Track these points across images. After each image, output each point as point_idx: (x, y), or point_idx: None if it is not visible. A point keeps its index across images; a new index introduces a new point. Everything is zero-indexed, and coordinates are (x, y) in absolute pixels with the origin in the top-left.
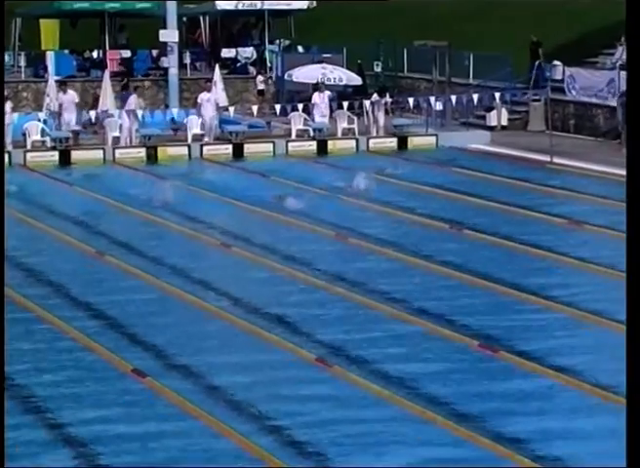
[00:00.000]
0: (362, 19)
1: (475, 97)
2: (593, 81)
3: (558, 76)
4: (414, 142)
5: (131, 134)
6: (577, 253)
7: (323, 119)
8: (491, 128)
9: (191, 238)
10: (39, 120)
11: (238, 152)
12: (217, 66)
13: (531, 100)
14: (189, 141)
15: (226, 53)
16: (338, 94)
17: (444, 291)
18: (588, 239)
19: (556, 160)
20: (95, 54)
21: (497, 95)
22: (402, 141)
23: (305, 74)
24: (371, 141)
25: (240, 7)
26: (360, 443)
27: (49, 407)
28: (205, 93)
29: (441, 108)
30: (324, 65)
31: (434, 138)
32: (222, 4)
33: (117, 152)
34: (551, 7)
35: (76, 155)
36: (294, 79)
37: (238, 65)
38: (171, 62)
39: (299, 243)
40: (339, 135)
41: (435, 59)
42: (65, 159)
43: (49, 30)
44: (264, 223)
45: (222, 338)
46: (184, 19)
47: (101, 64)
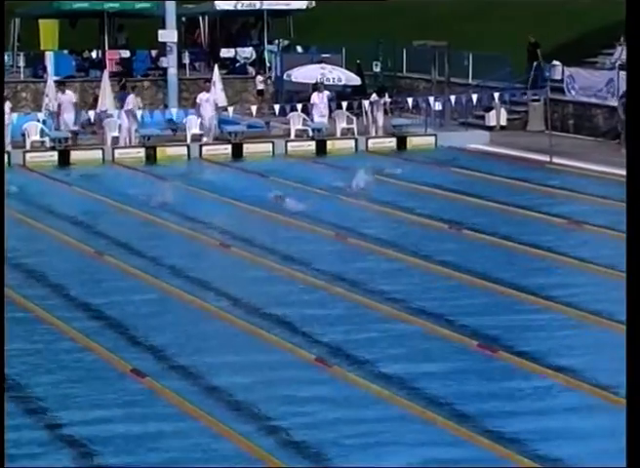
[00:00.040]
0: (361, 20)
1: (474, 98)
2: (592, 81)
3: (557, 76)
4: (413, 142)
5: (130, 134)
6: (576, 253)
7: (322, 119)
8: (490, 128)
9: (190, 238)
10: (38, 120)
11: (237, 152)
12: (216, 66)
13: (530, 100)
14: (188, 142)
15: (225, 53)
16: (337, 94)
17: (443, 291)
18: (588, 239)
19: (555, 160)
20: (94, 54)
21: (496, 95)
22: (401, 141)
23: (304, 74)
24: (370, 141)
25: (239, 7)
26: (360, 443)
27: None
28: (204, 93)
29: (440, 108)
30: (323, 65)
31: (433, 138)
32: (221, 4)
33: (116, 152)
34: (551, 7)
35: (75, 155)
36: (293, 79)
37: (237, 65)
38: (170, 62)
39: (298, 243)
40: (338, 135)
41: (434, 60)
42: (65, 159)
43: (48, 30)
44: (264, 223)
45: (222, 338)
46: (183, 20)
47: (101, 64)
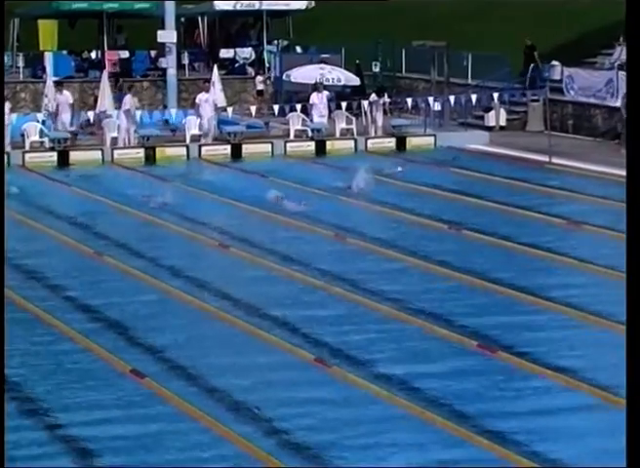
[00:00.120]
0: (360, 20)
1: (474, 98)
2: (592, 81)
3: (557, 76)
4: (412, 143)
5: (128, 134)
6: (575, 254)
7: (321, 119)
8: (489, 128)
9: (190, 238)
10: (38, 121)
11: (236, 153)
12: (215, 67)
13: (529, 101)
14: (188, 142)
15: (225, 53)
16: (336, 94)
17: (442, 291)
18: (587, 239)
19: (555, 160)
20: (93, 54)
21: (495, 95)
22: (400, 142)
23: (304, 74)
24: (369, 142)
25: (238, 7)
26: (359, 444)
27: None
28: (203, 93)
29: (439, 108)
30: (322, 66)
31: (432, 139)
32: (221, 4)
33: (115, 153)
34: (550, 7)
35: (75, 156)
36: (292, 79)
37: (236, 66)
38: (169, 63)
39: (297, 243)
40: (337, 135)
41: (434, 60)
42: (64, 160)
43: (47, 31)
44: (263, 224)
45: (221, 339)
46: (183, 20)
47: (100, 65)
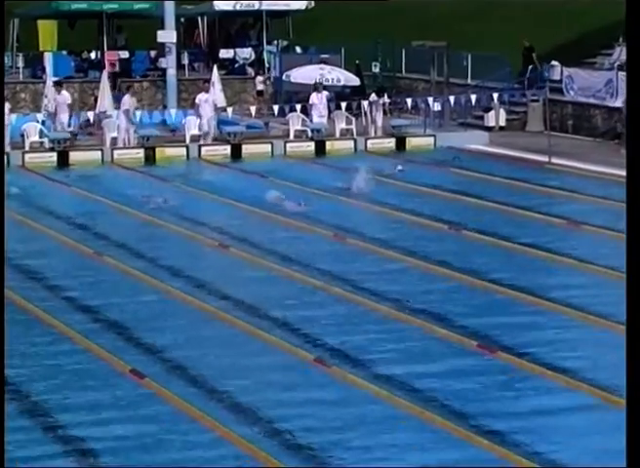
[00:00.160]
0: (360, 20)
1: (473, 98)
2: (591, 81)
3: (556, 77)
4: (412, 143)
5: (128, 134)
6: (575, 254)
7: (321, 119)
8: (489, 128)
9: (189, 239)
10: (37, 121)
11: (236, 153)
12: (215, 67)
13: (529, 101)
14: (187, 142)
15: (224, 53)
16: (336, 94)
17: (442, 291)
18: (587, 239)
19: (554, 160)
20: (93, 55)
21: (495, 95)
22: (400, 142)
23: (303, 75)
24: (369, 142)
25: (238, 7)
26: (359, 445)
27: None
28: (203, 93)
29: (439, 109)
30: (322, 66)
31: (432, 139)
32: (220, 4)
33: (115, 153)
34: (550, 7)
35: (74, 156)
36: (292, 80)
37: (236, 66)
38: (169, 63)
39: (296, 243)
40: (337, 135)
41: (433, 60)
42: (64, 160)
43: (47, 31)
44: (262, 224)
45: (220, 339)
46: (182, 20)
47: (99, 65)
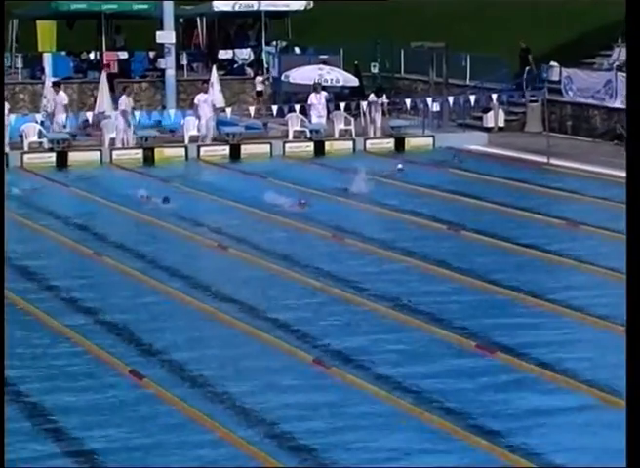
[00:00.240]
0: (359, 20)
1: (472, 99)
2: (590, 82)
3: (555, 77)
4: (411, 143)
5: (125, 135)
6: (574, 254)
7: (320, 120)
8: (488, 129)
9: (188, 239)
10: (36, 122)
11: (235, 153)
12: (214, 68)
13: (528, 102)
14: (186, 143)
15: (223, 54)
16: (335, 95)
17: (441, 291)
18: (586, 240)
19: (553, 161)
20: (92, 55)
21: (494, 96)
22: (399, 142)
23: (302, 75)
24: (368, 142)
25: (237, 8)
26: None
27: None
28: (202, 94)
29: (438, 109)
30: (321, 66)
31: (431, 139)
32: (219, 5)
33: (114, 154)
34: (549, 8)
35: (73, 157)
36: (290, 80)
37: (235, 67)
38: (168, 64)
39: (296, 244)
40: (336, 136)
41: (432, 60)
42: (63, 161)
43: (46, 32)
44: (261, 225)
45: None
46: (181, 21)
47: (98, 66)
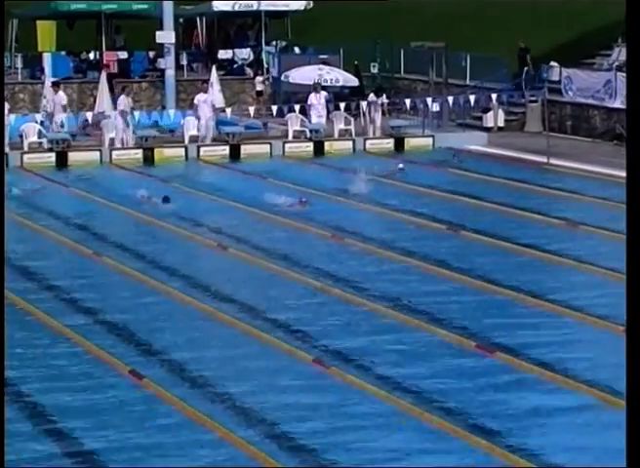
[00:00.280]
0: (359, 20)
1: (472, 99)
2: (590, 82)
3: (555, 77)
4: (410, 143)
5: (124, 134)
6: (574, 254)
7: (320, 120)
8: (487, 129)
9: (188, 239)
10: (36, 122)
11: (235, 153)
12: (213, 68)
13: (528, 102)
14: (186, 143)
15: (223, 54)
16: (334, 95)
17: (441, 291)
18: (585, 240)
19: (553, 161)
20: (91, 55)
21: (493, 96)
22: (399, 142)
23: (302, 75)
24: (367, 142)
25: (237, 8)
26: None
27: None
28: (202, 94)
29: (438, 109)
30: (320, 66)
31: (431, 140)
32: (219, 5)
33: (114, 154)
34: (548, 8)
35: (73, 157)
36: (290, 80)
37: (235, 67)
38: (167, 64)
39: (295, 244)
40: (335, 136)
41: (432, 61)
42: (62, 161)
43: (45, 32)
44: (261, 225)
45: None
46: (181, 21)
47: (98, 66)
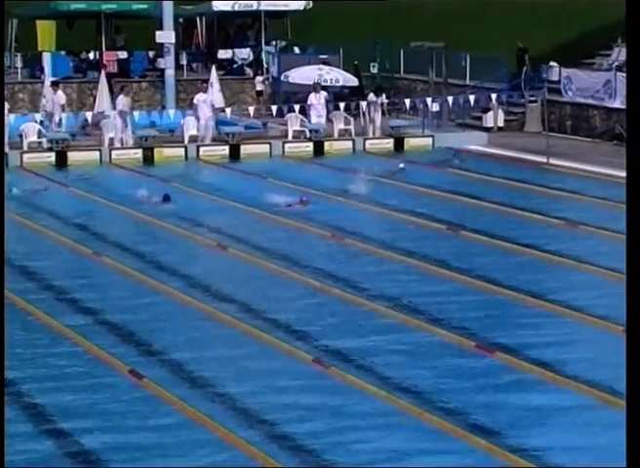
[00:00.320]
0: (359, 20)
1: (472, 99)
2: (590, 82)
3: (555, 77)
4: (410, 143)
5: (123, 134)
6: (573, 254)
7: (319, 120)
8: (487, 129)
9: (188, 239)
10: (36, 121)
11: (235, 153)
12: (213, 67)
13: (527, 102)
14: (186, 143)
15: (223, 54)
16: (334, 95)
17: (441, 291)
18: (585, 240)
19: (552, 161)
20: (91, 55)
21: (493, 96)
22: (398, 142)
23: (302, 75)
24: (367, 142)
25: (236, 8)
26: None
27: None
28: (201, 94)
29: (437, 109)
30: (320, 66)
31: (430, 139)
32: (219, 5)
33: (114, 153)
34: (548, 8)
35: (73, 156)
36: (290, 80)
37: (235, 66)
38: (167, 64)
39: (295, 244)
40: (335, 136)
41: (432, 60)
42: (62, 160)
43: (45, 31)
44: (261, 224)
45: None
46: (181, 21)
47: (98, 66)
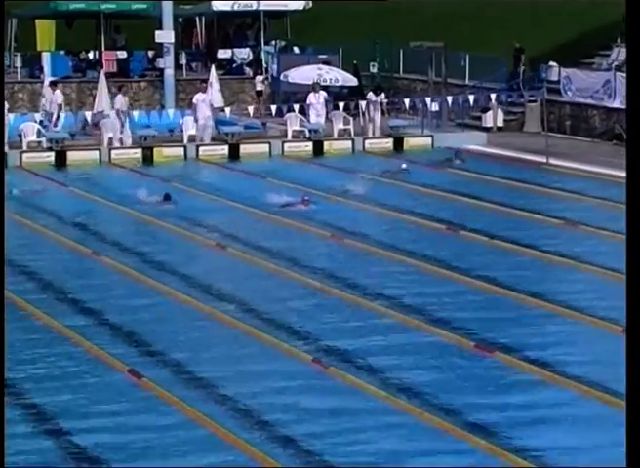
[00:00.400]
0: (358, 20)
1: (471, 98)
2: (589, 82)
3: (554, 77)
4: (409, 143)
5: (122, 134)
6: (573, 254)
7: (319, 120)
8: (487, 129)
9: (187, 239)
10: (35, 121)
11: (234, 153)
12: (212, 67)
13: (527, 102)
14: (185, 142)
15: (222, 53)
16: (334, 94)
17: (440, 292)
18: (585, 240)
19: (552, 161)
20: (91, 54)
21: (492, 96)
22: (398, 142)
23: (301, 75)
24: (367, 142)
25: (236, 7)
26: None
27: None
28: (200, 93)
29: (437, 109)
30: (320, 66)
31: (430, 139)
32: (218, 5)
33: (113, 153)
34: (548, 7)
35: (72, 156)
36: (289, 80)
37: (234, 66)
38: (167, 63)
39: (295, 244)
40: (334, 135)
41: (431, 60)
42: (61, 160)
43: (44, 31)
44: (261, 224)
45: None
46: (180, 20)
47: (97, 65)
